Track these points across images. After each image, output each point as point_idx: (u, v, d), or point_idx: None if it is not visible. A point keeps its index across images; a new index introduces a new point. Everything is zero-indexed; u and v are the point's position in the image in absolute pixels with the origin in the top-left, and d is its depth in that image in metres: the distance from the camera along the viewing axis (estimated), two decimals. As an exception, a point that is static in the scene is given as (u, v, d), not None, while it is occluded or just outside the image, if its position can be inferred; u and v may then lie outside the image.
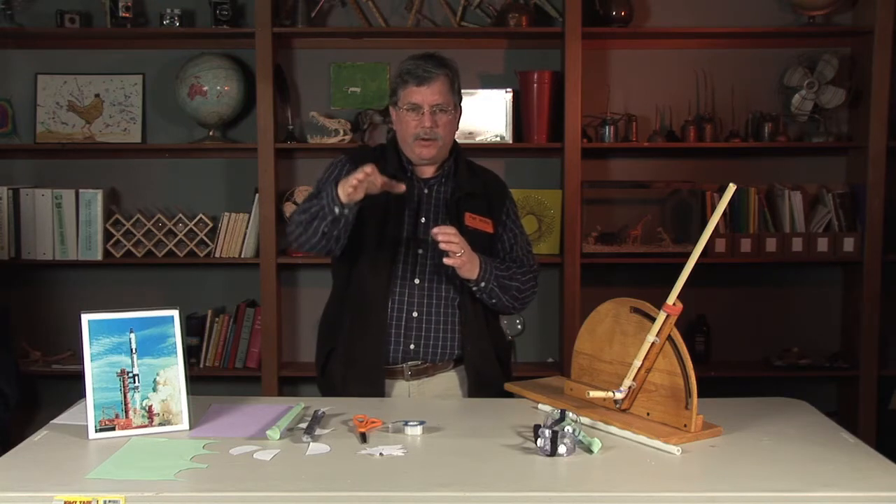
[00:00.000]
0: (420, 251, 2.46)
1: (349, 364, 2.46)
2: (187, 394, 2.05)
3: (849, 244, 3.75)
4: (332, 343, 2.52)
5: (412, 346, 2.45)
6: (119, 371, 2.00)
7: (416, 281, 2.45)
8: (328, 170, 2.53)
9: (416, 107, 2.41)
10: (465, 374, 2.51)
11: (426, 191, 2.50)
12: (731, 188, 1.95)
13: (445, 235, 2.29)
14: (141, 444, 1.94)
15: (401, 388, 2.48)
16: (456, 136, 3.66)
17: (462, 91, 3.61)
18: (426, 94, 2.41)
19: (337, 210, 2.27)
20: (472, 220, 2.44)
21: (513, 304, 2.50)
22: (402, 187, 2.34)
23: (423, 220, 2.47)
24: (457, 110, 2.49)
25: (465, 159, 2.56)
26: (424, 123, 2.41)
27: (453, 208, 2.47)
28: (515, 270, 2.49)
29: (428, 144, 2.42)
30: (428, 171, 2.51)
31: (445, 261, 2.31)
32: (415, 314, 2.45)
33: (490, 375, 2.49)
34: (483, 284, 2.40)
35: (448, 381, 2.51)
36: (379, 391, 2.43)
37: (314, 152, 3.83)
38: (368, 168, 2.23)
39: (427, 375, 2.48)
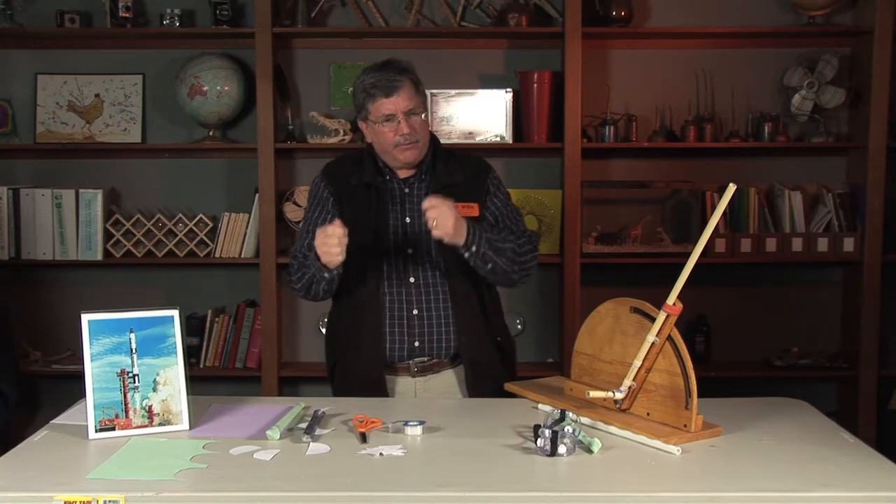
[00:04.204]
0: (410, 250, 2.47)
1: (352, 371, 2.48)
2: (187, 394, 2.05)
3: (849, 244, 3.75)
4: (335, 354, 2.56)
5: (417, 344, 2.47)
6: (119, 371, 2.00)
7: (412, 279, 2.47)
8: (310, 199, 2.57)
9: (391, 117, 2.41)
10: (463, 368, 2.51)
11: (406, 190, 2.51)
12: (731, 188, 1.95)
13: (430, 207, 2.28)
14: (141, 444, 1.94)
15: (407, 386, 2.49)
16: (456, 136, 3.72)
17: (462, 91, 3.71)
18: (398, 103, 2.41)
19: (327, 275, 2.37)
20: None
21: (512, 268, 2.43)
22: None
23: (407, 219, 2.48)
24: (426, 110, 2.50)
25: (443, 151, 2.56)
26: (403, 130, 2.41)
27: None
28: (507, 235, 2.46)
29: (410, 147, 2.43)
30: (406, 172, 2.52)
31: (434, 233, 2.30)
32: (415, 311, 2.46)
33: (488, 368, 2.49)
34: (475, 249, 2.34)
35: (451, 378, 2.52)
36: (382, 393, 2.45)
37: (314, 152, 3.83)
38: (337, 233, 2.26)
39: (433, 372, 2.50)
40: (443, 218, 2.27)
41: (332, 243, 2.26)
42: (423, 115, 2.46)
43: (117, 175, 3.90)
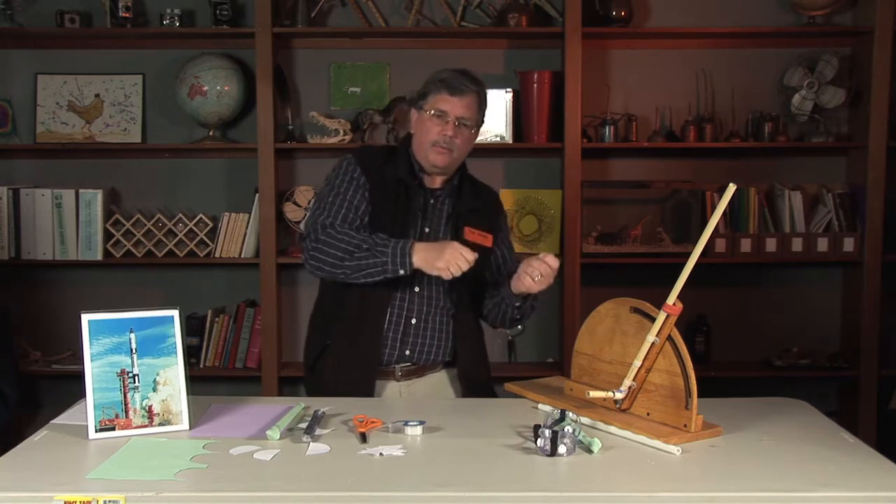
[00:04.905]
0: None
1: (341, 366, 2.46)
2: (187, 394, 2.05)
3: (849, 244, 3.75)
4: (323, 343, 2.52)
5: (407, 352, 2.48)
6: (119, 371, 2.00)
7: (416, 289, 2.47)
8: (340, 175, 2.46)
9: (442, 114, 2.42)
10: (454, 375, 2.54)
11: (432, 201, 2.50)
12: (731, 188, 1.95)
13: (549, 264, 2.33)
14: (141, 444, 1.94)
15: (392, 389, 2.49)
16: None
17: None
18: (456, 105, 2.43)
19: (402, 272, 2.31)
20: (472, 235, 2.44)
21: (524, 321, 2.64)
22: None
23: (426, 230, 2.48)
24: (476, 131, 2.50)
25: (469, 177, 2.59)
26: (447, 132, 2.41)
27: (454, 223, 2.48)
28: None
29: (443, 152, 2.43)
30: (436, 182, 2.51)
31: (527, 283, 2.35)
32: (413, 320, 2.46)
33: (479, 379, 2.55)
34: (528, 302, 2.49)
35: (438, 382, 2.53)
36: (368, 393, 2.44)
37: (314, 152, 3.83)
38: (471, 259, 2.27)
39: (417, 376, 2.50)
40: (546, 281, 2.35)
41: (461, 263, 2.26)
42: (473, 132, 2.48)
43: (117, 175, 3.91)
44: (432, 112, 2.43)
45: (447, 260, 2.25)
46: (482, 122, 2.53)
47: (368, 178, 2.45)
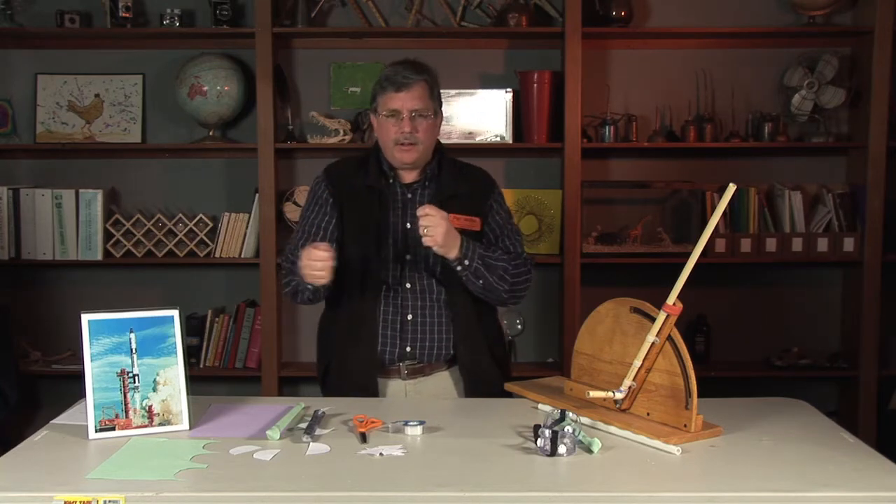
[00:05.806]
0: (408, 256, 2.46)
1: (345, 373, 2.48)
2: (187, 394, 2.05)
3: (849, 244, 3.75)
4: (329, 355, 2.55)
5: (408, 349, 2.47)
6: (119, 371, 2.00)
7: (408, 285, 2.47)
8: (308, 199, 2.55)
9: (395, 112, 2.41)
10: (459, 374, 2.52)
11: (409, 195, 2.50)
12: (731, 188, 1.95)
13: (424, 215, 2.29)
14: (141, 444, 1.94)
15: (397, 388, 2.49)
16: (456, 136, 3.72)
17: (462, 91, 3.71)
18: (405, 100, 2.41)
19: (311, 287, 2.36)
20: (457, 221, 2.41)
21: (502, 286, 2.43)
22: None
23: (408, 225, 2.46)
24: (437, 116, 2.48)
25: (449, 160, 2.56)
26: (404, 129, 2.40)
27: None
28: (501, 254, 2.46)
29: (408, 149, 2.42)
30: (410, 176, 2.51)
31: (424, 241, 2.31)
32: (409, 317, 2.46)
33: (485, 374, 2.50)
34: (467, 262, 2.36)
35: (444, 381, 2.52)
36: (376, 393, 2.45)
37: (314, 152, 3.83)
38: (324, 256, 2.25)
39: (423, 375, 2.50)
40: (435, 227, 2.28)
41: (316, 266, 2.26)
42: (431, 119, 2.44)
43: (117, 175, 3.90)
44: (385, 113, 2.43)
45: (304, 272, 2.29)
46: (440, 104, 2.50)
47: (337, 193, 2.48)
